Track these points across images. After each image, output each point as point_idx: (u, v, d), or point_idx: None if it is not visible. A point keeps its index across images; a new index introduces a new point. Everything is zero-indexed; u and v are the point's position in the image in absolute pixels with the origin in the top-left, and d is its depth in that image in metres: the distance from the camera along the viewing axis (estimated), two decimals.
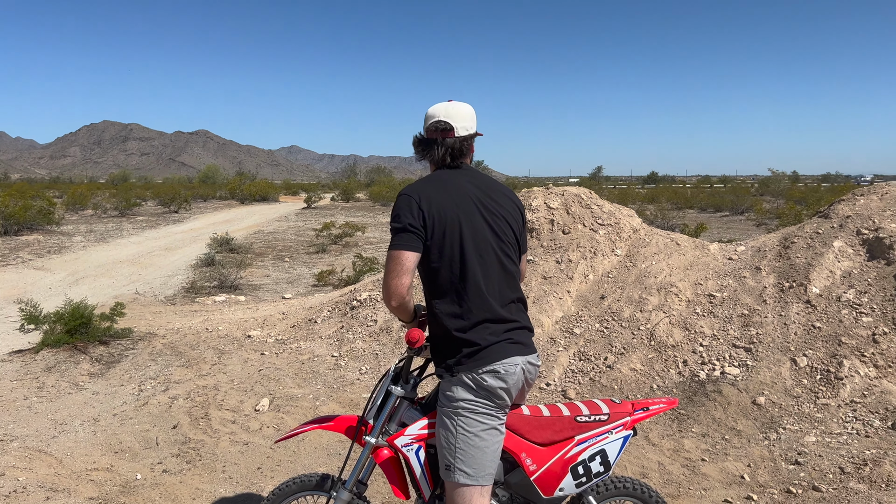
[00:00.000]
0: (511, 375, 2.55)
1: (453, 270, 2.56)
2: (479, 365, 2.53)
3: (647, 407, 2.89)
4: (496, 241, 2.66)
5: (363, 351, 6.84)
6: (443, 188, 2.62)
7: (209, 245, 16.35)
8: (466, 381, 2.53)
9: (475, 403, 2.53)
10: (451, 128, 2.69)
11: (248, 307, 9.82)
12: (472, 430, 2.52)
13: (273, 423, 5.26)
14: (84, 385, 6.19)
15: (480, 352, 2.54)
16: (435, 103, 2.80)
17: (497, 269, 2.64)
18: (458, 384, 2.54)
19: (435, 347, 2.65)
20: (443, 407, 2.59)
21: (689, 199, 39.03)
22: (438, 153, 2.71)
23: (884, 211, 6.67)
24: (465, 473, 2.51)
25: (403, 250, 2.50)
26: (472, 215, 2.62)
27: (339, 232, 19.31)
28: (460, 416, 2.53)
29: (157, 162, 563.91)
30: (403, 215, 2.55)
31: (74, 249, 17.15)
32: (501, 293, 2.63)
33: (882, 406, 4.88)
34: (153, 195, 41.47)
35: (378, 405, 2.75)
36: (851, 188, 9.28)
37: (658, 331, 6.12)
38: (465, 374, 2.53)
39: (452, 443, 2.53)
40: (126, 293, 11.17)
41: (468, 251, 2.57)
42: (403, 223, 2.53)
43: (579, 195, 8.15)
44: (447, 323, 2.57)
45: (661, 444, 4.80)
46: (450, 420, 2.55)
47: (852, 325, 5.60)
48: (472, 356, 2.53)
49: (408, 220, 2.53)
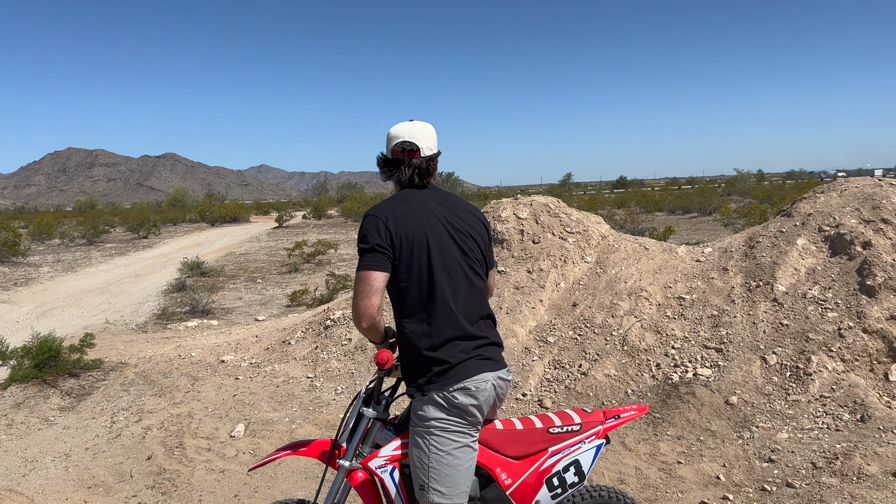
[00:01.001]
0: (482, 392, 2.56)
1: (422, 289, 2.57)
2: (449, 383, 2.53)
3: (619, 415, 2.92)
4: (463, 259, 2.67)
5: (338, 371, 6.81)
6: (409, 207, 2.62)
7: (180, 270, 16.18)
8: (438, 399, 2.53)
9: (447, 422, 2.53)
10: (417, 148, 2.69)
11: (220, 331, 9.72)
12: (444, 449, 2.51)
13: (249, 448, 5.21)
14: (55, 420, 6.07)
15: (451, 370, 2.54)
16: (399, 121, 2.81)
17: (465, 287, 2.65)
18: (429, 403, 2.54)
19: (406, 367, 2.64)
20: (415, 427, 2.58)
21: (658, 201, 39.52)
22: (406, 174, 2.71)
23: (843, 207, 6.82)
24: (439, 493, 2.51)
25: (372, 270, 2.50)
26: (440, 233, 2.63)
27: (312, 250, 19.23)
28: (432, 436, 2.52)
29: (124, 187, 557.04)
30: (371, 236, 2.55)
31: (41, 280, 16.85)
32: (470, 310, 2.64)
33: (850, 399, 4.97)
34: (121, 221, 40.92)
35: (350, 428, 2.74)
36: (815, 184, 9.46)
37: (630, 335, 6.18)
38: (436, 392, 2.53)
39: (426, 462, 2.52)
40: (96, 323, 11.00)
41: (436, 269, 2.58)
42: (371, 243, 2.53)
43: (547, 204, 8.22)
44: (417, 342, 2.57)
45: (638, 449, 4.84)
46: (422, 439, 2.54)
47: (818, 321, 5.70)
48: (443, 374, 2.54)
49: (375, 240, 2.53)
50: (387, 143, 2.76)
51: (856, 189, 7.14)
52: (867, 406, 4.86)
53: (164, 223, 41.35)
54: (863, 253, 6.13)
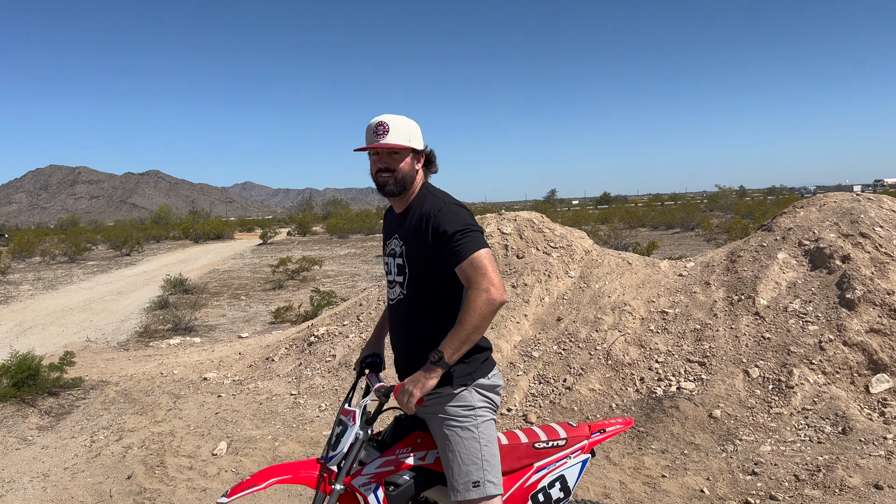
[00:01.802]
0: (498, 375, 2.72)
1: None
2: (488, 369, 2.65)
3: (604, 429, 2.92)
4: None
5: (322, 387, 6.76)
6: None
7: (163, 287, 16.04)
8: (481, 386, 2.61)
9: (487, 409, 2.62)
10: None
11: (203, 349, 9.63)
12: (490, 438, 2.59)
13: (231, 466, 5.15)
14: (33, 440, 5.98)
15: (489, 356, 2.68)
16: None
17: None
18: (472, 392, 2.60)
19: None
20: (459, 422, 2.57)
21: (642, 217, 39.79)
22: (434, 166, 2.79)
23: (822, 222, 6.90)
24: (493, 484, 2.55)
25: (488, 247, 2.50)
26: None
27: (296, 267, 19.14)
28: (480, 426, 2.58)
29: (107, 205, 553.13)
30: (474, 220, 2.56)
31: (22, 299, 16.65)
32: None
33: (832, 412, 5.01)
34: (104, 238, 40.58)
35: (345, 452, 2.64)
36: (795, 200, 9.59)
37: (614, 350, 6.19)
38: (480, 379, 2.61)
39: (477, 456, 2.54)
40: (77, 341, 10.87)
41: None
42: (477, 223, 2.55)
43: (531, 220, 8.26)
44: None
45: (622, 463, 4.84)
46: (472, 432, 2.56)
47: (800, 334, 5.75)
48: (485, 361, 2.65)
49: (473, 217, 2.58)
50: (420, 133, 2.70)
51: (834, 204, 7.23)
52: (848, 418, 4.89)
53: (148, 240, 41.05)
54: (842, 266, 6.20)
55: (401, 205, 2.71)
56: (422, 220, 2.56)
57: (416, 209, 2.63)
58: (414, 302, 2.62)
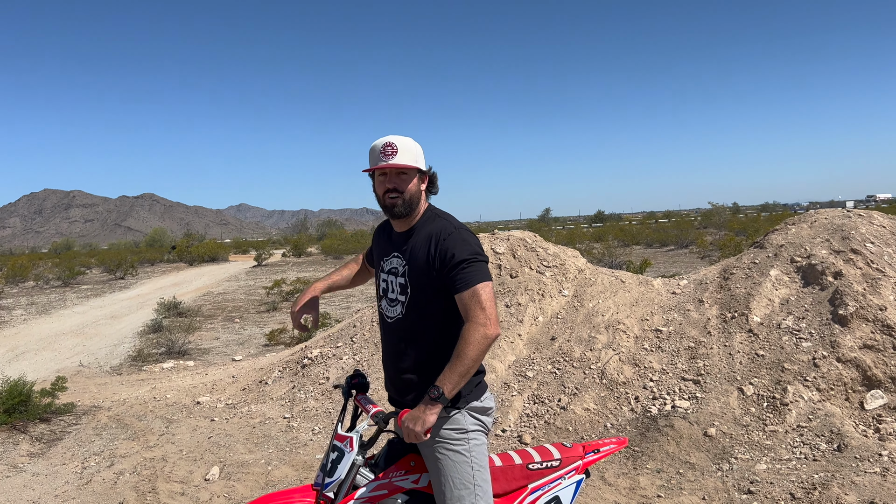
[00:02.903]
0: (491, 398, 2.71)
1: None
2: (481, 392, 2.64)
3: (598, 449, 2.91)
4: None
5: (316, 410, 6.72)
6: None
7: (156, 310, 15.97)
8: (474, 410, 2.60)
9: (479, 432, 2.60)
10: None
11: (197, 372, 9.57)
12: (482, 462, 2.57)
13: (224, 492, 5.10)
14: (24, 467, 5.91)
15: (483, 380, 2.67)
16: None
17: None
18: (467, 414, 2.59)
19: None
20: (451, 445, 2.54)
21: (636, 235, 39.88)
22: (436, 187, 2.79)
23: (814, 238, 6.93)
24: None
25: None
26: None
27: (291, 288, 19.10)
28: (473, 450, 2.56)
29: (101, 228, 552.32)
30: (482, 249, 2.56)
31: (14, 324, 16.55)
32: None
33: (827, 429, 4.99)
34: (98, 262, 40.44)
35: (343, 478, 2.63)
36: (788, 216, 9.62)
37: (609, 369, 6.18)
38: (475, 401, 2.60)
39: (469, 480, 2.52)
40: (69, 366, 10.79)
41: None
42: (486, 256, 2.56)
43: (524, 239, 8.27)
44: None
45: (617, 483, 4.81)
46: (464, 455, 2.54)
47: (793, 351, 5.75)
48: (478, 384, 2.63)
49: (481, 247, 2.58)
50: (422, 153, 2.71)
51: (825, 220, 7.27)
52: (843, 435, 4.88)
53: (142, 263, 40.91)
54: (834, 283, 6.22)
55: (404, 225, 2.68)
56: (429, 241, 2.55)
57: (422, 230, 2.62)
58: (413, 322, 2.60)
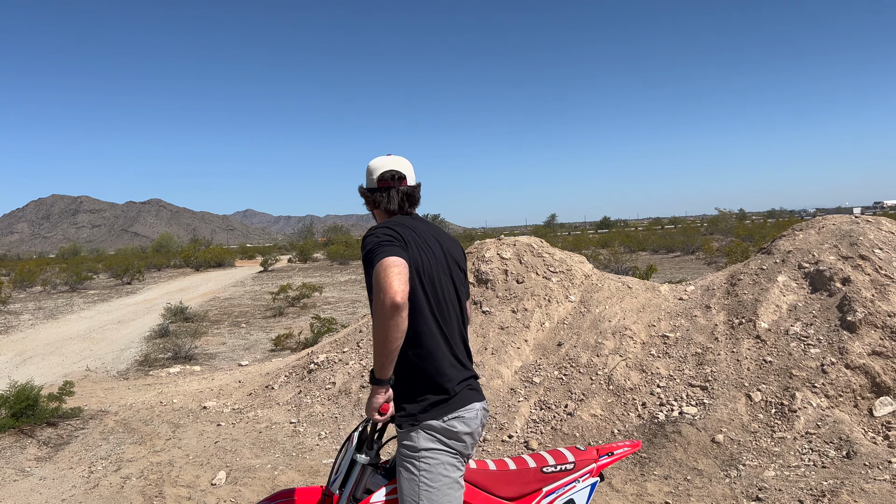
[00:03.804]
0: (473, 421, 2.56)
1: (421, 313, 2.52)
2: (445, 412, 2.50)
3: (612, 452, 2.91)
4: (453, 286, 2.68)
5: (322, 415, 6.72)
6: (406, 229, 2.60)
7: (163, 315, 16.01)
8: (433, 427, 2.49)
9: (438, 452, 2.49)
10: (404, 176, 2.76)
11: (203, 377, 9.59)
12: (434, 485, 2.46)
13: (230, 496, 5.10)
14: (31, 471, 5.93)
15: (449, 399, 2.52)
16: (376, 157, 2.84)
17: (456, 314, 2.67)
18: (421, 432, 2.49)
19: (397, 394, 2.57)
20: (403, 459, 2.52)
21: (642, 241, 39.79)
22: (395, 199, 2.73)
23: (822, 244, 6.90)
24: None
25: (393, 256, 2.37)
26: (435, 257, 2.63)
27: (297, 294, 19.12)
28: (423, 470, 2.47)
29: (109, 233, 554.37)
30: (383, 236, 2.48)
31: (22, 328, 16.61)
32: (459, 338, 2.65)
33: (836, 436, 4.96)
34: (105, 267, 40.53)
35: (343, 475, 2.68)
36: (795, 222, 9.56)
37: (616, 374, 6.16)
38: (432, 420, 2.49)
39: (414, 498, 2.46)
40: (76, 370, 10.82)
41: (431, 294, 2.56)
42: (384, 238, 2.47)
43: (531, 244, 8.26)
44: (413, 368, 2.53)
45: (625, 490, 4.79)
46: (411, 473, 2.48)
47: (801, 358, 5.72)
48: (439, 404, 2.51)
49: (389, 235, 2.49)
50: (370, 173, 2.78)
51: (833, 226, 7.24)
52: (853, 442, 4.85)
53: (149, 268, 41.05)
54: (842, 289, 6.19)
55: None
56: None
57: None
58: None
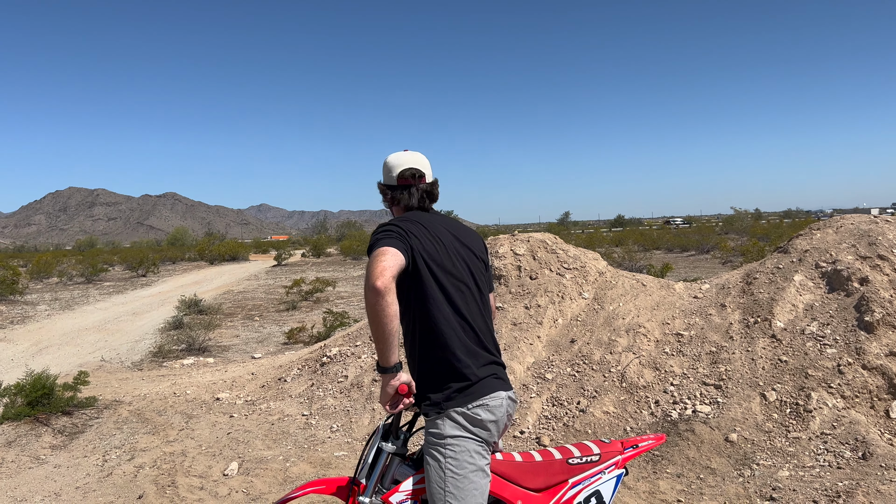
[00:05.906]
0: (499, 409, 2.57)
1: (438, 303, 2.56)
2: (468, 400, 2.53)
3: (636, 444, 2.90)
4: (472, 277, 2.71)
5: (334, 408, 6.73)
6: (419, 224, 2.63)
7: (177, 307, 16.12)
8: (456, 416, 2.51)
9: (464, 440, 2.51)
10: (423, 174, 2.79)
11: (216, 369, 9.64)
12: (460, 472, 2.47)
13: (242, 487, 5.12)
14: (46, 458, 5.99)
15: (471, 387, 2.54)
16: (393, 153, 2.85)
17: (477, 304, 2.69)
18: (447, 420, 2.52)
19: (420, 384, 2.61)
20: (430, 447, 2.54)
21: (656, 240, 39.62)
22: (415, 197, 2.77)
23: (839, 244, 6.83)
24: None
25: (389, 246, 2.43)
26: (452, 249, 2.66)
27: (310, 288, 19.19)
28: (448, 457, 2.49)
29: (124, 226, 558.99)
30: (388, 233, 2.52)
31: (38, 319, 16.78)
32: (483, 328, 2.68)
33: (852, 437, 4.91)
34: (121, 260, 40.91)
35: (370, 464, 2.70)
36: (811, 222, 9.48)
37: (629, 372, 6.13)
38: (455, 409, 2.51)
39: (441, 486, 2.47)
40: (91, 361, 10.92)
41: (449, 284, 2.59)
42: (388, 234, 2.51)
43: (544, 241, 8.24)
44: (435, 357, 2.56)
45: (637, 487, 4.76)
46: (437, 461, 2.50)
47: (817, 358, 5.66)
48: (463, 391, 2.53)
49: (395, 233, 2.52)
50: (389, 170, 2.80)
51: (851, 226, 7.16)
52: (868, 443, 4.80)
53: (164, 262, 41.35)
54: (860, 289, 6.12)
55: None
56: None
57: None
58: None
